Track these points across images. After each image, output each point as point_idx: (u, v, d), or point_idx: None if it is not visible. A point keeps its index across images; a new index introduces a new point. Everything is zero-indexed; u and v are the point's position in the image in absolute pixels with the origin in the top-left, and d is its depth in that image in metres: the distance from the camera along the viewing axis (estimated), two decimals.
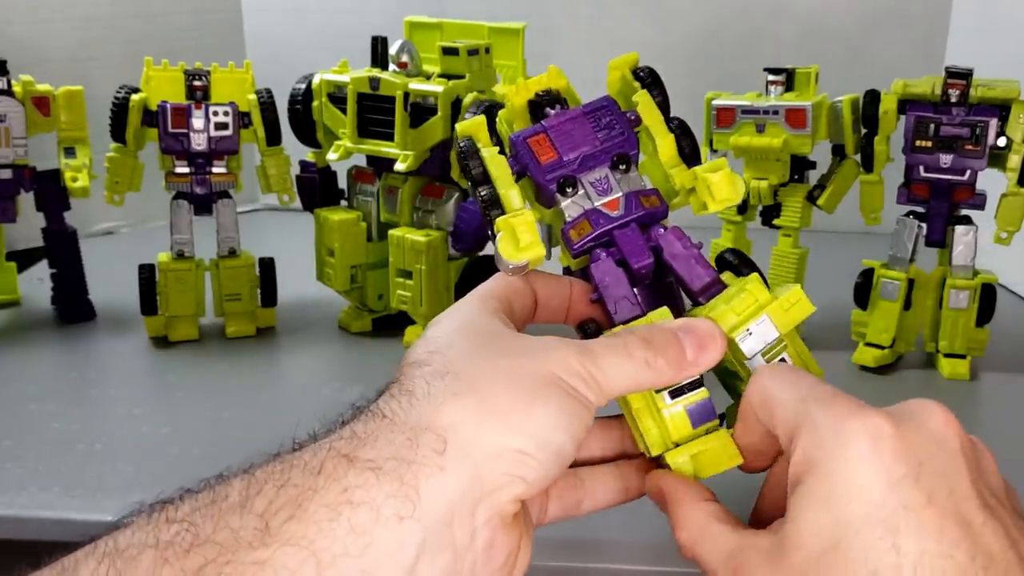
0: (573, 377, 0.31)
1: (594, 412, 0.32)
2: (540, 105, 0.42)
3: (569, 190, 0.40)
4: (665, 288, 0.41)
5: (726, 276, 0.41)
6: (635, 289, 0.39)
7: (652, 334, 0.34)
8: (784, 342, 0.38)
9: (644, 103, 0.42)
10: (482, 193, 0.39)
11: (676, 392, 0.36)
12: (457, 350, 0.31)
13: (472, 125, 0.41)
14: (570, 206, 0.40)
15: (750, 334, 0.38)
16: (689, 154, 0.41)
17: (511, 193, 0.39)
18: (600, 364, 0.32)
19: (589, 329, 0.40)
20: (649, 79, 0.42)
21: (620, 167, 0.40)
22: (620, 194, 0.40)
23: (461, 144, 0.40)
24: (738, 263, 0.43)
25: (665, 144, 0.41)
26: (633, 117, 0.41)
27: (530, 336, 0.33)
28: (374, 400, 0.31)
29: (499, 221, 0.37)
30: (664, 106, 0.42)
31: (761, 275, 0.41)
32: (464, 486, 0.27)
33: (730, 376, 0.40)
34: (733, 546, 0.31)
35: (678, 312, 0.41)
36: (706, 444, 0.37)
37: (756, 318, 0.38)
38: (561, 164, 0.40)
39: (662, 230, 0.40)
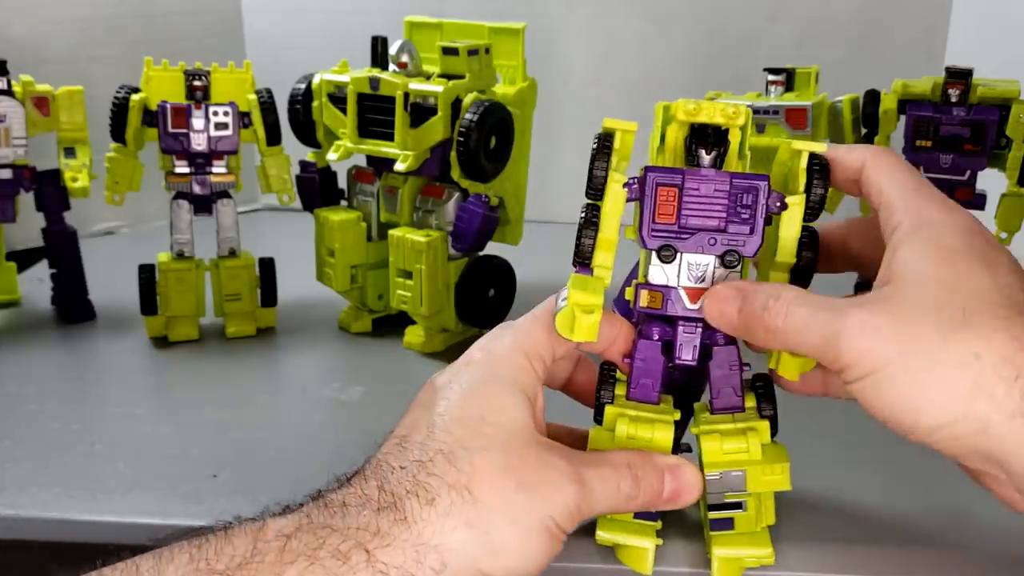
0: (566, 521, 0.35)
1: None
2: (699, 138, 0.39)
3: (666, 254, 0.39)
4: (693, 374, 0.42)
5: (748, 398, 0.42)
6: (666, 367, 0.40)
7: (643, 472, 0.37)
8: (749, 494, 0.41)
9: (795, 212, 0.39)
10: (586, 211, 0.38)
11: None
12: (483, 466, 0.34)
13: (622, 127, 0.39)
14: (657, 270, 0.39)
15: (720, 477, 0.40)
16: (802, 276, 0.40)
17: (609, 239, 0.38)
18: (593, 504, 0.36)
19: (611, 377, 0.41)
20: (818, 170, 0.39)
21: (728, 262, 0.39)
22: (708, 288, 0.39)
23: (600, 140, 0.38)
24: (763, 397, 0.42)
25: (782, 262, 0.40)
26: (777, 206, 0.39)
27: (547, 456, 0.36)
28: (397, 464, 0.35)
29: (570, 299, 0.37)
30: (818, 205, 0.39)
31: (774, 422, 0.41)
32: None
33: None
34: (831, 314, 0.34)
35: (694, 396, 0.43)
36: (631, 541, 0.41)
37: (735, 469, 0.40)
38: (673, 232, 0.39)
39: (722, 341, 0.40)
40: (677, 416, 0.41)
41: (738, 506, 0.41)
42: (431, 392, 0.38)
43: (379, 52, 0.67)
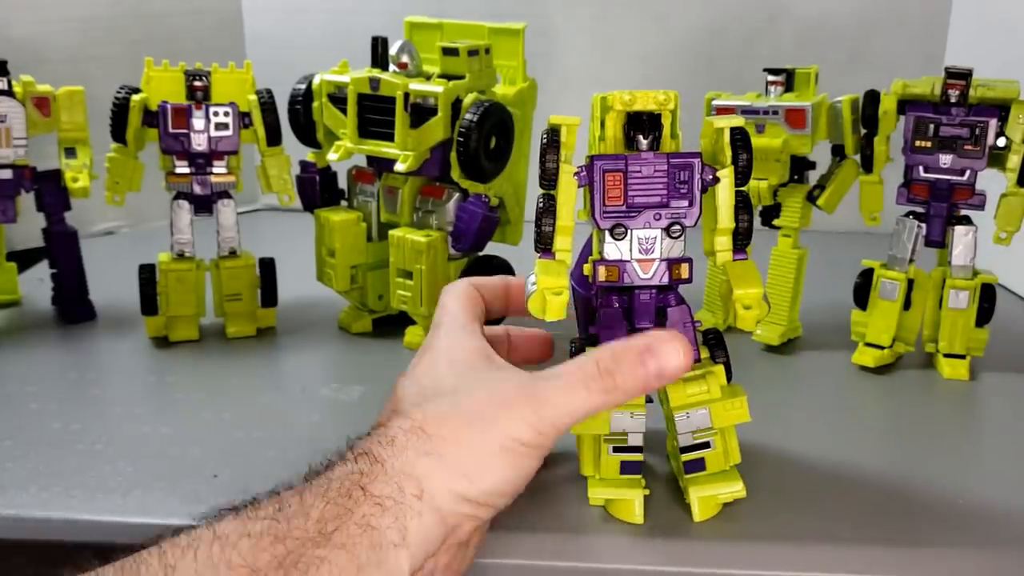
0: (530, 437, 0.38)
1: (545, 451, 0.39)
2: (636, 125, 0.44)
3: (618, 233, 0.43)
4: None
5: (702, 350, 0.46)
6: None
7: (617, 362, 0.39)
8: (715, 431, 0.45)
9: (726, 181, 0.44)
10: (543, 200, 0.43)
11: (618, 449, 0.45)
12: (428, 412, 0.39)
13: (567, 123, 0.43)
14: (611, 247, 0.44)
15: (687, 417, 0.45)
16: (742, 237, 0.45)
17: (566, 225, 0.43)
18: (556, 413, 0.38)
19: (574, 347, 0.46)
20: (740, 141, 0.44)
21: (672, 233, 0.44)
22: (657, 259, 0.44)
23: (548, 134, 0.43)
24: (716, 347, 0.46)
25: (723, 228, 0.44)
26: (709, 178, 0.44)
27: (495, 385, 0.40)
28: (370, 435, 0.39)
29: (539, 283, 0.42)
30: (746, 170, 0.44)
31: (728, 367, 0.46)
32: (434, 527, 0.36)
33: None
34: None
35: None
36: (620, 494, 0.45)
37: (699, 408, 0.45)
38: (622, 211, 0.43)
39: (673, 302, 0.45)
40: None
41: (706, 445, 0.45)
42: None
43: (379, 52, 0.67)
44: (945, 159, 0.62)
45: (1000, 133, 0.61)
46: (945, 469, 0.52)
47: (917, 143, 0.62)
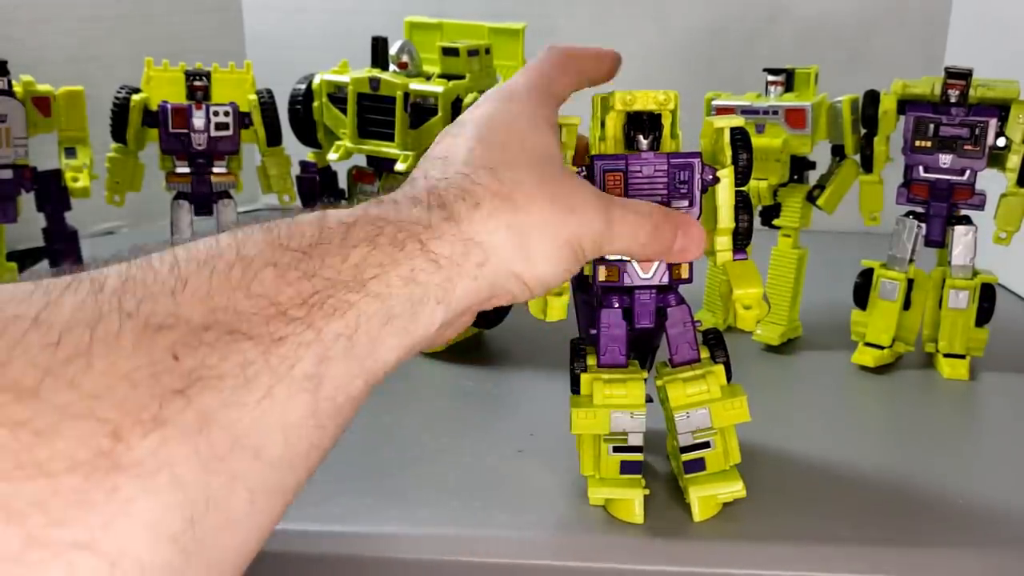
0: (590, 246, 0.38)
1: (581, 265, 0.39)
2: (636, 125, 0.44)
3: None
4: (651, 336, 0.47)
5: (702, 350, 0.46)
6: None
7: (662, 225, 0.41)
8: (715, 431, 0.45)
9: (726, 181, 0.44)
10: None
11: (618, 449, 0.45)
12: (522, 180, 0.37)
13: (567, 123, 0.44)
14: None
15: (688, 416, 0.45)
16: (742, 237, 0.45)
17: None
18: (613, 239, 0.39)
19: (580, 350, 0.46)
20: (740, 141, 0.44)
21: None
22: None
23: None
24: (716, 347, 0.46)
25: (723, 228, 0.45)
26: (709, 178, 0.44)
27: (576, 182, 0.39)
28: (447, 178, 0.37)
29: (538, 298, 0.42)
30: (746, 170, 0.45)
31: (728, 367, 0.46)
32: (479, 293, 0.35)
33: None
34: None
35: (650, 356, 0.49)
36: (620, 494, 0.45)
37: (699, 408, 0.45)
38: None
39: (674, 302, 0.45)
40: (645, 375, 0.46)
41: (706, 445, 0.45)
42: (461, 126, 0.40)
43: (379, 52, 0.67)
44: (945, 159, 0.62)
45: (1000, 133, 0.61)
46: (945, 469, 0.52)
47: (917, 143, 0.62)
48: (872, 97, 0.64)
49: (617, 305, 0.45)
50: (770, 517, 0.46)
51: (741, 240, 0.45)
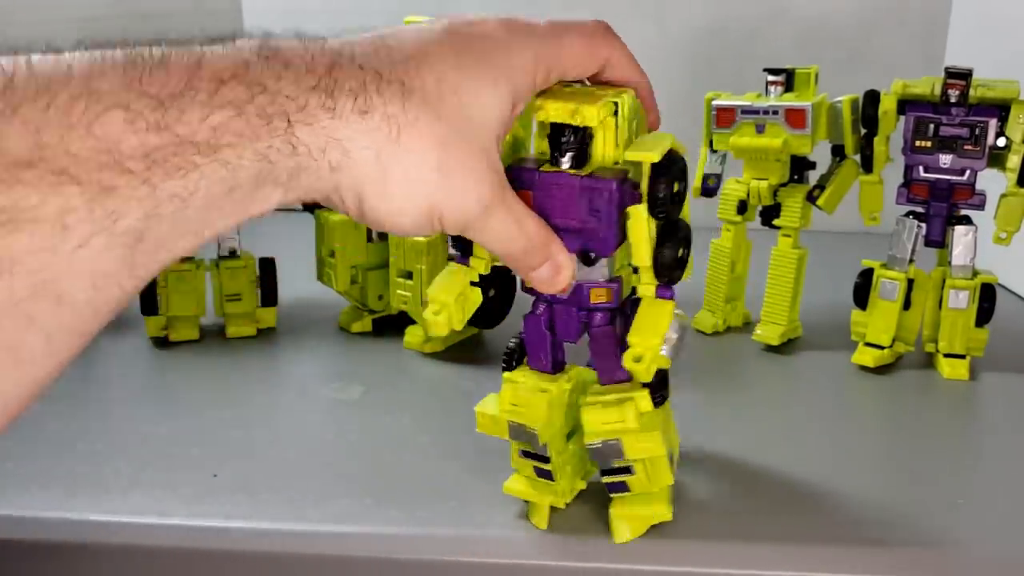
0: (452, 223, 0.35)
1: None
2: (556, 140, 0.40)
3: None
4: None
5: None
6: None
7: (535, 248, 0.38)
8: (629, 463, 0.42)
9: (635, 218, 0.39)
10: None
11: (527, 454, 0.44)
12: (423, 124, 0.33)
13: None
14: None
15: (600, 446, 0.42)
16: (666, 271, 0.40)
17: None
18: (480, 235, 0.37)
19: (513, 357, 0.44)
20: (664, 172, 0.39)
21: (587, 259, 0.40)
22: (573, 282, 0.40)
23: None
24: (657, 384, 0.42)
25: (637, 264, 0.40)
26: (631, 203, 0.39)
27: (482, 169, 0.35)
28: (361, 72, 0.33)
29: (429, 296, 0.40)
30: (670, 199, 0.39)
31: (658, 388, 0.42)
32: (321, 195, 0.34)
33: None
34: None
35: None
36: (531, 497, 0.44)
37: (611, 438, 0.41)
38: None
39: (598, 322, 0.41)
40: (568, 386, 0.43)
41: (627, 470, 0.43)
42: (443, 22, 0.37)
43: None
44: (945, 159, 0.62)
45: (1000, 133, 0.61)
46: (944, 469, 0.52)
47: (917, 143, 0.62)
48: (872, 97, 0.64)
49: (540, 312, 0.42)
50: (770, 517, 0.46)
51: (666, 274, 0.40)
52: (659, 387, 0.42)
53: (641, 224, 0.39)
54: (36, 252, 0.25)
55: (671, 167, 0.39)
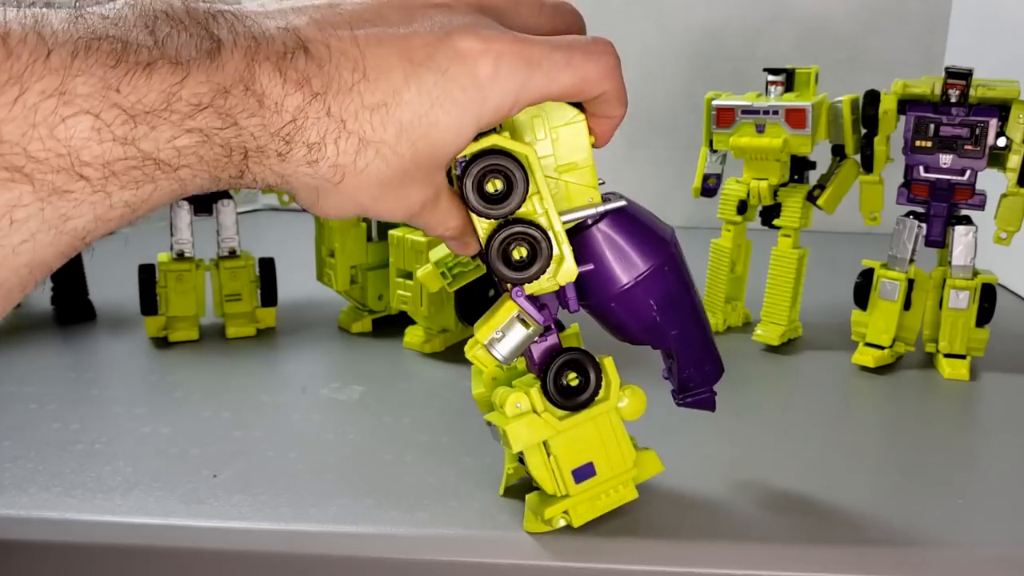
0: (387, 217, 0.37)
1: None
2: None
3: None
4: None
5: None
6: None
7: (457, 239, 0.40)
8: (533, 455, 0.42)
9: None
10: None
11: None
12: (370, 175, 0.34)
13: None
14: None
15: (491, 426, 0.43)
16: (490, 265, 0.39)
17: None
18: (421, 224, 0.38)
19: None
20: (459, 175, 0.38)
21: None
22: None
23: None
24: (567, 368, 0.42)
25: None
26: None
27: (417, 194, 0.36)
28: (324, 95, 0.32)
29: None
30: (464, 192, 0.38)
31: (558, 397, 0.41)
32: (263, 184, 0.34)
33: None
34: None
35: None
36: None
37: (492, 421, 0.43)
38: None
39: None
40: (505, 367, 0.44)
41: (522, 460, 0.43)
42: (432, 44, 0.34)
43: None
44: (945, 159, 0.62)
45: (1000, 133, 0.61)
46: (945, 469, 0.52)
47: (917, 143, 0.62)
48: (872, 97, 0.64)
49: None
50: (769, 517, 0.46)
51: (497, 273, 0.40)
52: (559, 393, 0.41)
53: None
54: None
55: (464, 170, 0.38)
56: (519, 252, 0.39)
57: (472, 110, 0.34)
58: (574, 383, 0.41)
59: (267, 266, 0.71)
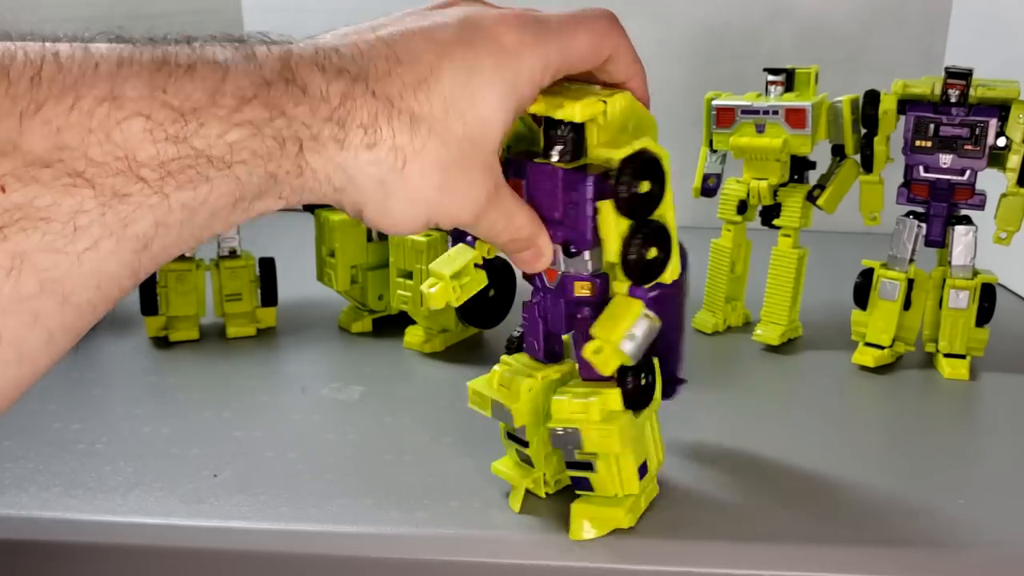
0: (448, 224, 0.37)
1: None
2: (548, 132, 0.40)
3: None
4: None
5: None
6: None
7: (524, 235, 0.40)
8: (600, 456, 0.43)
9: (603, 213, 0.39)
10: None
11: (511, 436, 0.46)
12: (429, 152, 0.34)
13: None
14: None
15: (561, 433, 0.42)
16: (630, 266, 0.40)
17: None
18: (475, 229, 0.38)
19: (513, 344, 0.46)
20: (630, 171, 0.39)
21: (569, 251, 0.41)
22: (560, 271, 0.42)
23: None
24: (632, 370, 0.42)
25: (608, 261, 0.41)
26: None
27: (478, 175, 0.36)
28: (372, 102, 0.33)
29: (426, 283, 0.42)
30: (627, 201, 0.39)
31: (636, 392, 0.42)
32: (315, 201, 0.34)
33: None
34: None
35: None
36: (511, 479, 0.46)
37: (570, 425, 0.42)
38: None
39: (582, 316, 0.42)
40: (555, 376, 0.45)
41: (589, 466, 0.43)
42: (449, 14, 0.36)
43: None
44: (945, 159, 0.62)
45: (1000, 133, 0.61)
46: (945, 469, 0.52)
47: (917, 143, 0.62)
48: (872, 97, 0.64)
49: (535, 301, 0.44)
50: (770, 517, 0.46)
51: (634, 274, 0.40)
52: (637, 394, 0.42)
53: (608, 220, 0.39)
54: (46, 251, 0.26)
55: (637, 166, 0.39)
56: (652, 252, 0.40)
57: (508, 78, 0.35)
58: (652, 256, 0.41)
59: (267, 266, 0.71)
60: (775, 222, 0.69)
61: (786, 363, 0.66)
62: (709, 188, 0.70)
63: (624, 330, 0.40)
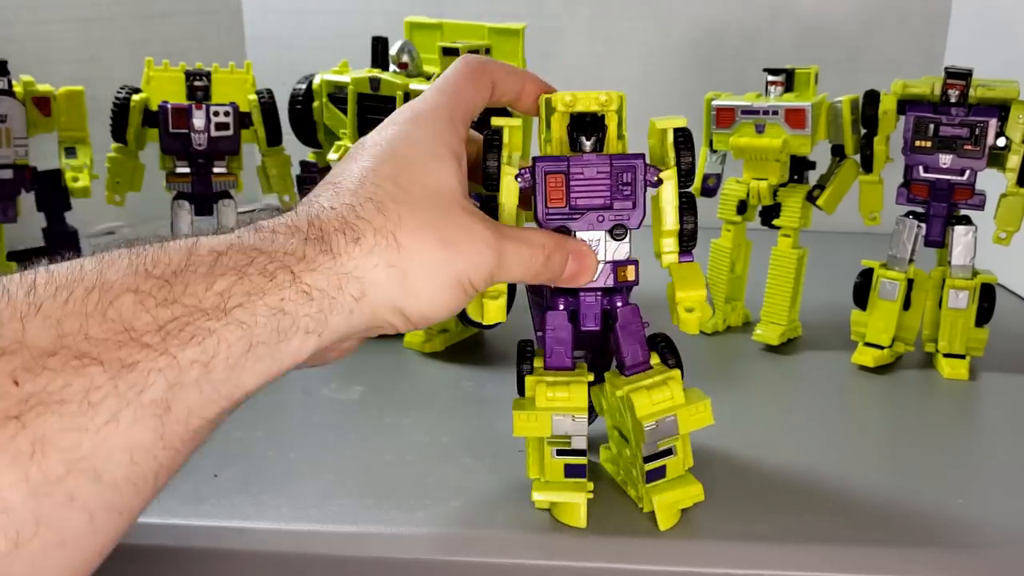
0: (480, 282, 0.38)
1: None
2: (579, 126, 0.43)
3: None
4: (601, 340, 0.46)
5: (653, 357, 0.45)
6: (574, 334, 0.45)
7: (554, 254, 0.41)
8: (679, 437, 0.44)
9: (669, 184, 0.43)
10: (482, 202, 0.43)
11: (562, 452, 0.44)
12: (409, 217, 0.36)
13: (508, 124, 0.43)
14: None
15: (656, 426, 0.43)
16: (688, 239, 0.44)
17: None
18: (505, 273, 0.39)
19: (528, 352, 0.47)
20: (683, 142, 0.43)
21: (616, 236, 0.43)
22: (602, 262, 0.43)
23: (489, 135, 0.43)
24: (667, 351, 0.45)
25: (668, 230, 0.44)
26: (653, 179, 0.43)
27: (473, 221, 0.38)
28: (333, 208, 0.36)
29: (474, 300, 0.42)
30: (690, 172, 0.44)
31: (682, 370, 0.45)
32: (360, 326, 0.35)
33: (621, 436, 0.47)
34: None
35: (604, 366, 0.47)
36: (565, 497, 0.44)
37: (667, 415, 0.43)
38: (565, 214, 0.43)
39: (620, 303, 0.44)
40: (591, 377, 0.45)
41: (669, 452, 0.44)
42: (361, 149, 0.39)
43: (379, 52, 0.66)
44: (945, 159, 0.62)
45: (1000, 133, 0.61)
46: (945, 469, 0.52)
47: (917, 143, 0.62)
48: (872, 97, 0.64)
49: (563, 307, 0.45)
50: (770, 517, 0.46)
51: (687, 242, 0.44)
52: (677, 355, 0.45)
53: (674, 191, 0.43)
54: (67, 431, 0.27)
55: (690, 140, 0.44)
56: (692, 220, 0.44)
57: (433, 147, 0.39)
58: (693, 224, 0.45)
59: None
60: (775, 222, 0.69)
61: (786, 363, 0.66)
62: (709, 188, 0.70)
63: (704, 286, 0.44)
